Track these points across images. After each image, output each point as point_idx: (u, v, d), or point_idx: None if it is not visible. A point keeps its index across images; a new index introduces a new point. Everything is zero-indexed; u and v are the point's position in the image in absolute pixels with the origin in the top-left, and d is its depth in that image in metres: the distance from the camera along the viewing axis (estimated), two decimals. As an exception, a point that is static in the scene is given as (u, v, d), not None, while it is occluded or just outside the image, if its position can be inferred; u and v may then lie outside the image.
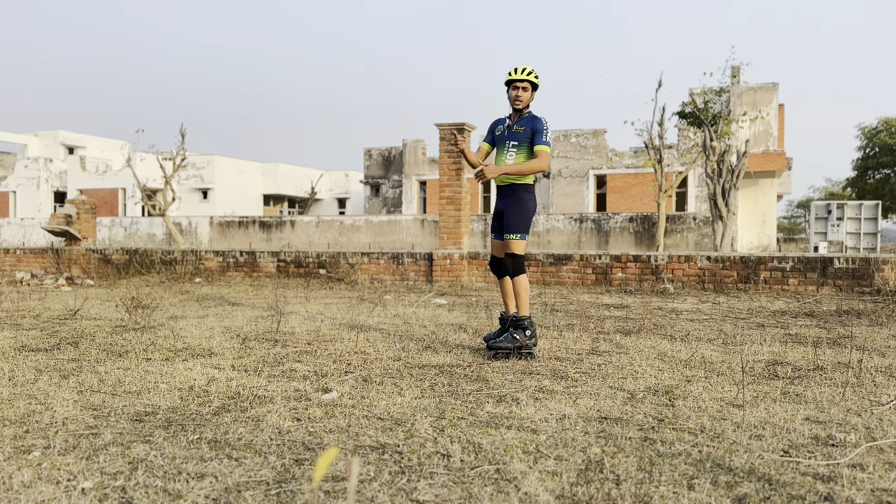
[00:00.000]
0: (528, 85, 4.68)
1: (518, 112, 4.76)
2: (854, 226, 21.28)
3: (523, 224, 4.69)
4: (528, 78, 4.66)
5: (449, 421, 3.09)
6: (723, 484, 2.33)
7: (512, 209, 4.72)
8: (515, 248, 4.70)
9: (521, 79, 4.67)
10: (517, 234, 4.69)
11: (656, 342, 5.33)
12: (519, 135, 4.69)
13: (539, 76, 4.73)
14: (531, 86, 4.71)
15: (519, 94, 4.68)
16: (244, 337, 5.49)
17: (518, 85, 4.69)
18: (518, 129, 4.70)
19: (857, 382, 3.89)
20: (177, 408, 3.31)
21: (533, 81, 4.70)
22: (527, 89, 4.69)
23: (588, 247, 22.06)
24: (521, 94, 4.68)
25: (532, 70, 4.68)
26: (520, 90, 4.69)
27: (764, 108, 23.19)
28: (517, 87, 4.69)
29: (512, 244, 4.71)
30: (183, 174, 34.98)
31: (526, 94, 4.69)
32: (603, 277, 10.34)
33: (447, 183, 11.35)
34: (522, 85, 4.68)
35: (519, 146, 4.69)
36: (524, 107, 4.73)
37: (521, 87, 4.68)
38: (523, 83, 4.67)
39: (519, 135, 4.69)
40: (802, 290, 9.35)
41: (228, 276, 12.13)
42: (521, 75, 4.67)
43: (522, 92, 4.68)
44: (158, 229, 26.83)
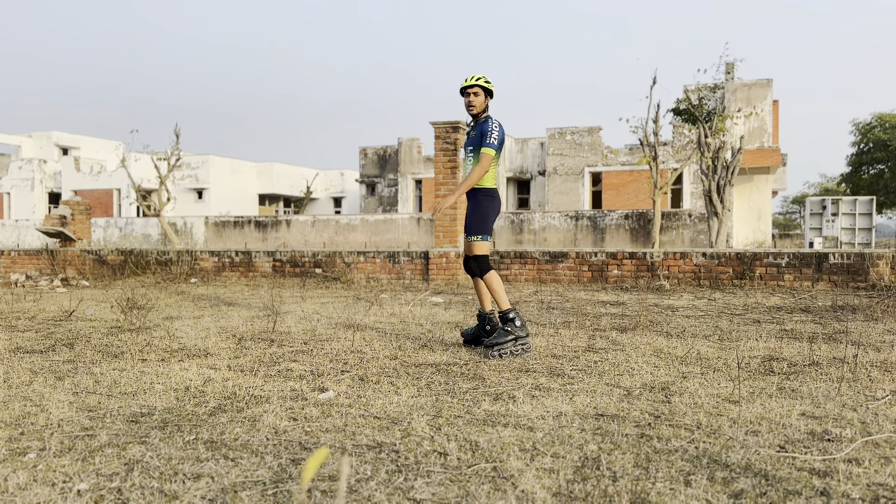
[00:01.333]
0: (478, 90, 4.84)
1: (475, 118, 4.93)
2: (849, 221, 21.35)
3: (482, 226, 4.85)
4: (478, 83, 4.83)
5: (445, 419, 3.08)
6: (719, 480, 2.34)
7: (470, 213, 4.91)
8: (477, 249, 4.86)
9: (470, 84, 4.84)
10: (477, 236, 4.85)
11: (652, 339, 5.33)
12: (473, 140, 4.87)
13: (490, 82, 4.90)
14: (483, 91, 4.86)
15: (471, 100, 4.86)
16: (240, 337, 5.49)
17: (469, 91, 4.87)
18: (472, 134, 4.89)
19: (852, 377, 3.90)
20: (173, 408, 3.31)
21: (483, 86, 4.85)
22: (478, 94, 4.85)
23: (584, 244, 22.08)
24: (473, 100, 4.85)
25: (482, 76, 4.86)
26: (471, 96, 4.86)
27: (758, 104, 23.23)
28: (468, 93, 4.88)
29: (473, 246, 4.86)
30: (178, 174, 34.90)
31: (478, 99, 4.84)
32: (599, 275, 10.35)
33: (443, 181, 11.35)
34: (473, 91, 4.85)
35: (474, 150, 4.85)
36: (478, 112, 4.87)
37: (472, 92, 4.86)
38: (473, 89, 4.85)
39: (473, 140, 4.87)
40: (798, 285, 9.37)
41: (224, 276, 12.11)
42: (470, 81, 4.84)
43: (474, 97, 4.85)
44: (154, 230, 26.77)
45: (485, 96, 4.87)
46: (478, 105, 4.85)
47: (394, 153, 32.95)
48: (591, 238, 22.13)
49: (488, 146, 4.73)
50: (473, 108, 4.86)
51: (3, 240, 29.11)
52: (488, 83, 4.86)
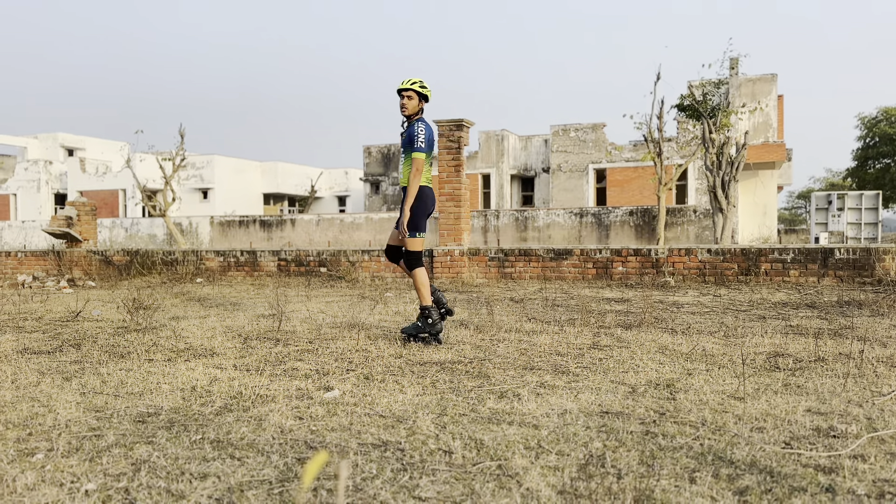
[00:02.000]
0: (412, 94, 5.03)
1: (407, 119, 5.12)
2: (855, 216, 21.26)
3: (413, 223, 5.04)
4: (413, 87, 5.02)
5: (450, 417, 3.09)
6: (724, 477, 2.34)
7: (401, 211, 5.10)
8: (410, 245, 5.09)
9: (405, 88, 5.03)
10: (408, 233, 5.05)
11: (657, 336, 5.33)
12: (403, 141, 5.09)
13: (427, 87, 5.07)
14: (417, 95, 5.05)
15: (404, 103, 5.05)
16: (246, 336, 5.50)
17: (404, 94, 5.05)
18: (403, 136, 5.11)
19: (858, 373, 3.89)
20: (179, 408, 3.32)
21: (417, 91, 5.02)
22: (412, 98, 5.03)
23: (588, 241, 22.05)
24: (406, 103, 5.04)
25: (418, 80, 5.04)
26: (405, 99, 5.05)
27: (763, 99, 23.15)
28: (403, 96, 5.06)
29: (407, 242, 5.10)
30: (183, 174, 34.98)
31: (411, 103, 5.02)
32: (604, 272, 10.34)
33: (447, 180, 11.35)
34: (407, 94, 5.04)
35: (405, 152, 5.08)
36: (410, 114, 5.06)
37: (407, 95, 5.05)
38: (408, 92, 5.04)
39: (403, 141, 5.09)
40: (803, 281, 9.34)
41: (230, 275, 12.14)
42: (406, 85, 5.04)
43: (407, 100, 5.04)
44: (159, 230, 26.85)
45: (419, 100, 5.07)
46: (410, 108, 5.05)
47: (398, 151, 32.95)
48: (596, 235, 22.10)
49: (418, 150, 4.94)
50: (406, 109, 5.06)
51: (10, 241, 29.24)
52: (423, 87, 5.05)
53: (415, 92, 5.03)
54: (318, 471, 1.10)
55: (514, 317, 6.56)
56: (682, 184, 26.07)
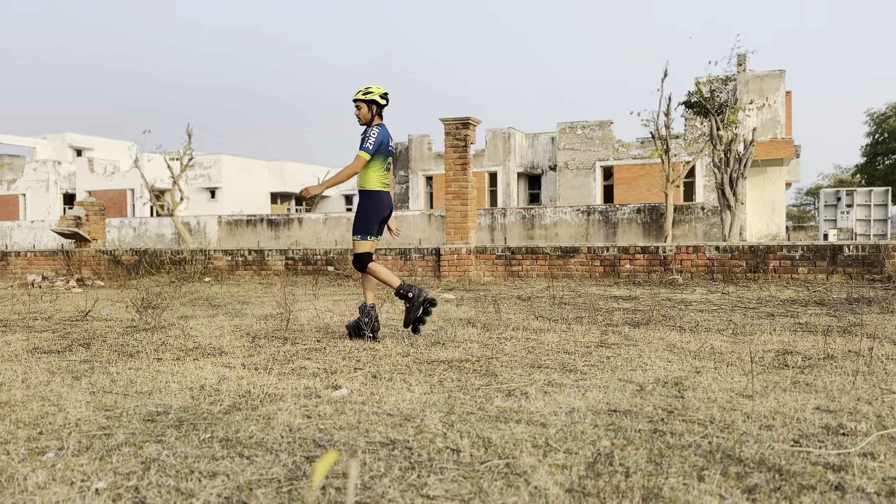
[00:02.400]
0: (360, 104, 5.24)
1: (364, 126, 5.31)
2: (864, 213, 21.14)
3: (362, 226, 5.20)
4: (357, 97, 5.23)
5: (458, 416, 3.10)
6: (733, 475, 2.33)
7: (355, 213, 5.31)
8: (357, 247, 5.26)
9: (356, 98, 5.26)
10: (357, 235, 5.22)
11: (665, 333, 5.32)
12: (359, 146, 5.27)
13: (372, 91, 5.22)
14: (365, 103, 5.24)
15: (356, 114, 5.28)
16: (254, 335, 5.52)
17: (355, 104, 5.29)
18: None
19: (867, 370, 3.87)
20: (188, 407, 3.34)
21: (363, 99, 5.22)
22: (360, 107, 5.24)
23: (596, 239, 22.01)
24: (357, 113, 5.27)
25: (362, 89, 5.22)
26: (357, 110, 5.28)
27: (771, 95, 23.04)
28: (355, 105, 5.29)
29: (355, 244, 5.26)
30: (190, 174, 35.12)
31: (361, 112, 5.23)
32: (611, 269, 10.32)
33: (453, 178, 11.35)
34: (357, 104, 5.27)
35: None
36: (365, 122, 5.26)
37: (357, 105, 5.27)
38: (357, 102, 5.26)
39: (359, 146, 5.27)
40: (812, 278, 9.30)
41: (237, 274, 12.18)
42: (357, 95, 5.25)
43: (357, 111, 5.26)
44: (167, 229, 26.96)
45: (368, 107, 5.25)
46: (362, 117, 5.26)
47: (404, 150, 32.97)
48: (603, 232, 22.06)
49: (363, 150, 5.11)
50: (359, 119, 5.29)
51: (20, 241, 29.43)
52: (368, 94, 5.23)
53: (361, 101, 5.24)
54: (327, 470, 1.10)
55: (522, 315, 6.56)
56: (690, 181, 25.98)
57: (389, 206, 5.29)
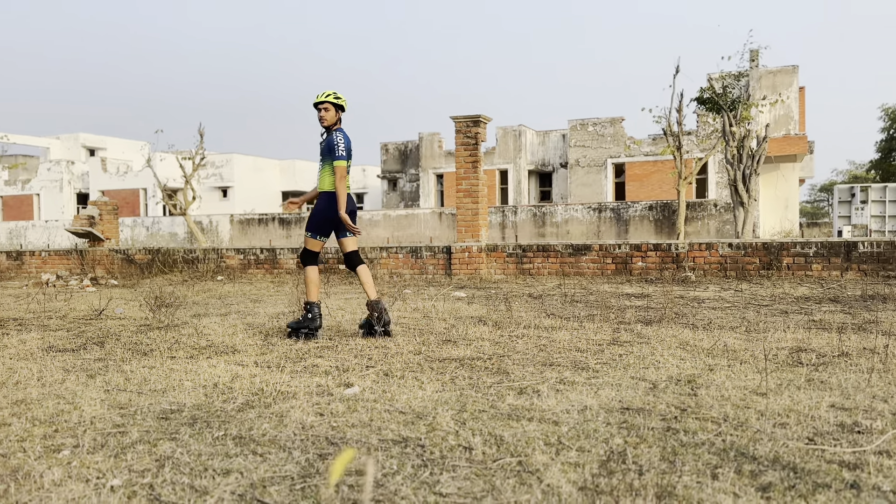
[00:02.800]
0: (328, 106, 5.20)
1: (326, 130, 5.28)
2: (879, 209, 20.94)
3: (312, 224, 5.31)
4: (327, 100, 5.20)
5: (470, 414, 3.10)
6: (747, 473, 2.32)
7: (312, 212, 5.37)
8: (305, 243, 5.38)
9: (321, 101, 5.20)
10: (308, 233, 5.34)
11: (678, 331, 5.29)
12: (323, 150, 5.25)
13: (342, 97, 5.25)
14: (333, 106, 5.22)
15: (322, 115, 5.23)
16: (266, 333, 5.55)
17: (320, 107, 5.22)
18: (322, 146, 5.28)
19: (883, 368, 3.84)
20: (202, 405, 3.36)
21: (333, 102, 5.20)
22: (328, 109, 5.20)
23: (607, 236, 21.93)
24: (324, 115, 5.22)
25: (332, 93, 5.22)
26: (322, 112, 5.22)
27: (784, 91, 22.86)
28: (320, 108, 5.23)
29: (305, 240, 5.39)
30: (202, 173, 35.29)
31: (328, 114, 5.20)
32: (623, 267, 10.29)
33: (464, 176, 11.35)
34: (324, 106, 5.21)
35: (323, 161, 5.25)
36: (329, 125, 5.24)
37: (324, 108, 5.21)
38: (324, 105, 5.21)
39: (323, 150, 5.25)
40: (826, 275, 9.23)
41: (249, 273, 12.23)
42: (321, 98, 5.20)
43: (325, 112, 5.21)
44: (180, 228, 27.12)
45: (335, 111, 5.25)
46: (329, 119, 5.23)
47: (415, 148, 32.98)
48: (615, 230, 21.98)
49: (339, 158, 5.14)
50: (325, 121, 5.23)
51: (34, 240, 29.69)
52: (338, 98, 5.23)
53: (331, 104, 5.21)
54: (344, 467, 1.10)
55: (533, 313, 6.55)
56: (703, 178, 25.82)
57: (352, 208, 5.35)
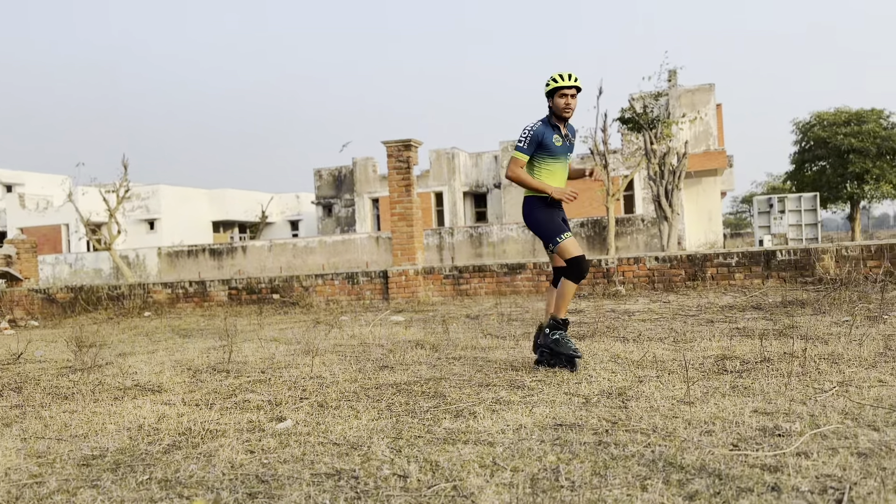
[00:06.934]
0: (575, 91, 4.44)
1: (565, 121, 4.53)
2: (795, 218, 22.00)
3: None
4: (578, 84, 4.42)
5: (406, 440, 3.07)
6: (675, 482, 2.38)
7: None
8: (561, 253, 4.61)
9: (571, 84, 4.38)
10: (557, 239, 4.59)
11: (609, 344, 5.40)
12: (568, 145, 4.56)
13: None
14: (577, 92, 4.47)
15: (568, 103, 4.41)
16: (195, 370, 5.38)
17: (567, 92, 4.39)
18: (567, 139, 4.55)
19: (801, 371, 4.01)
20: (126, 448, 3.22)
21: (580, 87, 4.46)
22: (575, 96, 4.45)
23: (542, 254, 22.28)
24: (571, 102, 4.42)
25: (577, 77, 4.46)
26: (568, 98, 4.40)
27: (702, 108, 23.86)
28: (565, 94, 4.39)
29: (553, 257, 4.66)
30: (128, 206, 34.16)
31: (575, 101, 4.45)
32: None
33: (398, 200, 11.36)
34: (570, 92, 4.40)
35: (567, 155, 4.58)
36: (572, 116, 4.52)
37: (570, 93, 4.40)
38: (572, 89, 4.40)
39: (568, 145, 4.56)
40: (748, 283, 9.61)
41: (179, 307, 11.87)
42: (572, 81, 4.37)
43: (572, 99, 4.42)
44: (105, 264, 26.14)
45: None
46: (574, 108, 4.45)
47: (349, 173, 32.86)
48: (549, 248, 22.34)
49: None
50: (572, 110, 4.44)
51: (-54, 283, 28.04)
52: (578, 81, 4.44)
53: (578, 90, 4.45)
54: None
55: (470, 334, 6.57)
56: (630, 194, 26.62)
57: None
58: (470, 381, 4.33)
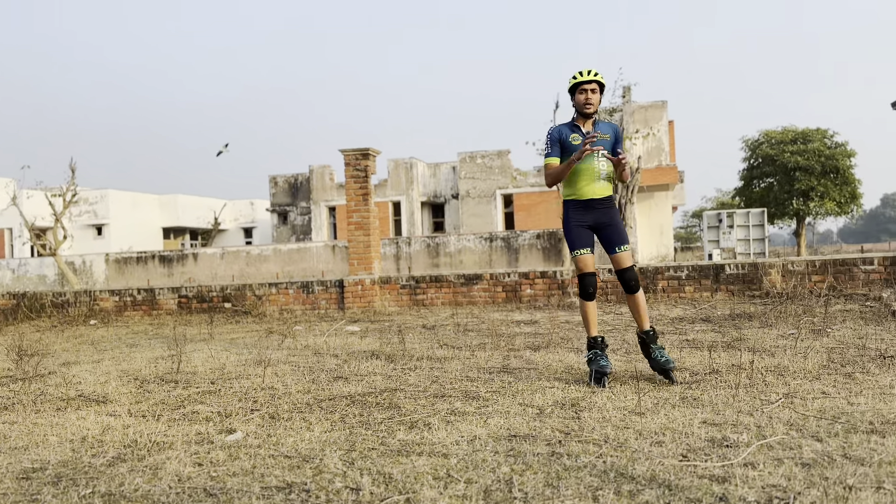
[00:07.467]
0: (596, 86, 4.39)
1: (588, 117, 4.44)
2: (743, 233, 22.61)
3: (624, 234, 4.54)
4: (597, 79, 4.37)
5: (359, 453, 3.04)
6: (626, 493, 2.40)
7: (618, 220, 4.53)
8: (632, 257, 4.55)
9: (588, 80, 4.35)
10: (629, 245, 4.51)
11: (564, 356, 5.45)
12: (606, 143, 4.42)
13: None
14: (599, 87, 4.42)
15: (589, 98, 4.36)
16: (142, 380, 5.23)
17: (586, 87, 4.36)
18: (604, 137, 4.42)
19: (749, 383, 4.10)
20: (68, 461, 3.11)
21: (601, 82, 4.41)
22: (596, 91, 4.39)
23: (499, 265, 22.41)
24: (591, 98, 4.37)
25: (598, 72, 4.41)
26: (588, 94, 4.36)
27: (655, 124, 24.39)
28: (584, 90, 4.37)
29: (630, 255, 4.50)
30: (75, 210, 33.18)
31: (596, 97, 4.40)
32: (513, 294, 10.52)
33: (355, 208, 11.29)
34: (591, 87, 4.36)
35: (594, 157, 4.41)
36: (594, 112, 4.44)
37: (590, 88, 4.36)
38: (591, 84, 4.36)
39: (606, 143, 4.42)
40: (698, 296, 9.82)
41: (126, 315, 11.55)
42: (588, 76, 4.35)
43: (592, 95, 4.37)
44: (50, 270, 25.32)
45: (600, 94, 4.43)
46: (596, 104, 4.39)
47: (305, 181, 32.55)
48: (506, 258, 22.50)
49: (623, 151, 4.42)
50: (592, 106, 4.37)
51: None
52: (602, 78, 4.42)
53: (598, 84, 4.40)
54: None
55: (427, 344, 6.56)
56: (585, 206, 26.91)
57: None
58: (425, 391, 4.31)
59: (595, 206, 4.44)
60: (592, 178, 4.42)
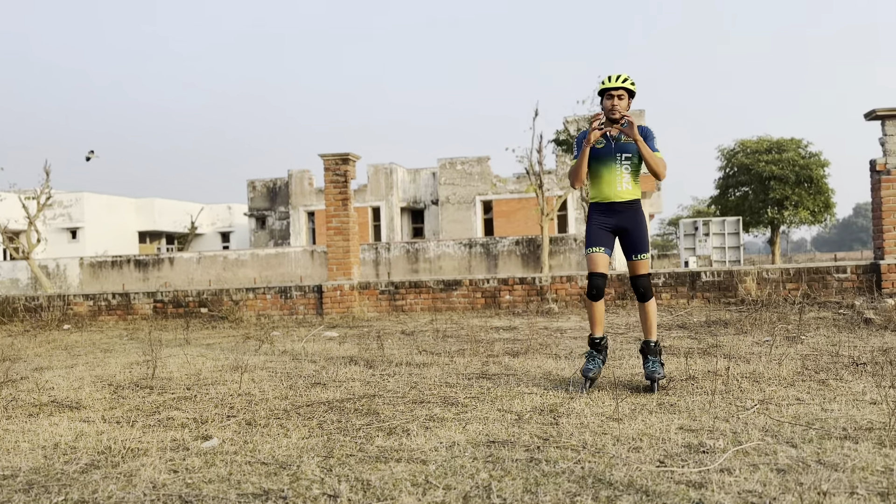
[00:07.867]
0: (623, 93, 4.42)
1: (616, 122, 4.43)
2: (719, 240, 22.89)
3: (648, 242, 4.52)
4: (625, 85, 4.41)
5: (337, 459, 3.02)
6: (603, 499, 2.41)
7: (641, 228, 4.49)
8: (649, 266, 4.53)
9: (615, 86, 4.39)
10: (648, 254, 4.48)
11: (542, 361, 5.47)
12: (630, 146, 4.41)
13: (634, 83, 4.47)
14: (627, 93, 4.44)
15: (615, 104, 4.39)
16: (116, 385, 5.16)
17: (613, 94, 4.40)
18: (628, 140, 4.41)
19: (725, 389, 4.15)
20: (40, 468, 3.05)
21: (629, 89, 4.43)
22: (623, 98, 4.42)
23: (478, 271, 22.45)
24: (617, 104, 4.39)
25: (627, 76, 4.44)
26: (615, 99, 4.40)
27: (633, 133, 24.61)
28: (612, 96, 4.41)
29: (646, 263, 4.47)
30: (49, 213, 32.70)
31: (622, 103, 4.41)
32: (492, 301, 10.54)
33: (334, 213, 11.25)
34: (618, 94, 4.40)
35: (632, 158, 4.41)
36: (619, 116, 4.42)
37: (617, 95, 4.40)
38: (619, 91, 4.40)
39: (630, 146, 4.41)
40: (675, 303, 9.91)
41: (101, 320, 11.39)
42: (615, 83, 4.39)
43: (618, 101, 4.40)
44: (23, 274, 24.91)
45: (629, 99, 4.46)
46: (622, 109, 4.41)
47: (284, 185, 32.39)
48: (485, 264, 22.55)
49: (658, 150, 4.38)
50: (618, 112, 4.40)
51: None
52: (633, 84, 4.46)
53: (626, 91, 4.42)
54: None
55: (405, 350, 6.54)
56: (564, 214, 27.16)
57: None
58: (404, 398, 4.30)
59: (618, 208, 4.44)
60: (615, 180, 4.43)
